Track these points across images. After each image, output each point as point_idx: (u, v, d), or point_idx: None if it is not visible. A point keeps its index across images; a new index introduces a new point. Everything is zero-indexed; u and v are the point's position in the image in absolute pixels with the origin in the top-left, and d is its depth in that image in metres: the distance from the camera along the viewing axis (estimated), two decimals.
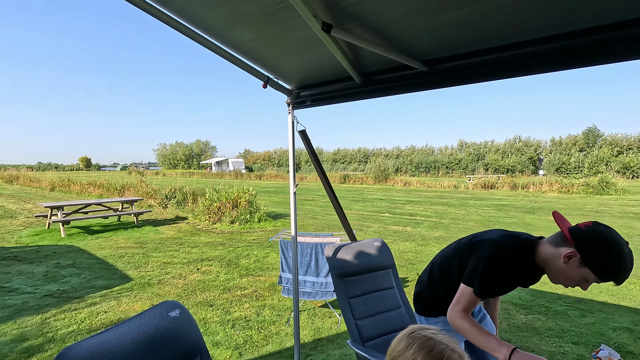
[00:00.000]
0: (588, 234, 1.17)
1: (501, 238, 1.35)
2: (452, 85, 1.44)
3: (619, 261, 1.12)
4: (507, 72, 1.29)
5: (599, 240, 1.15)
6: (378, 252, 2.37)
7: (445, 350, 0.82)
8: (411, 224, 9.24)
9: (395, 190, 20.99)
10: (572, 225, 1.25)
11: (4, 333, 3.26)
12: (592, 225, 1.19)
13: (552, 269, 1.26)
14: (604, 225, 1.19)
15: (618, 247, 1.12)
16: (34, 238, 7.39)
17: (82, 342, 1.05)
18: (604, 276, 1.15)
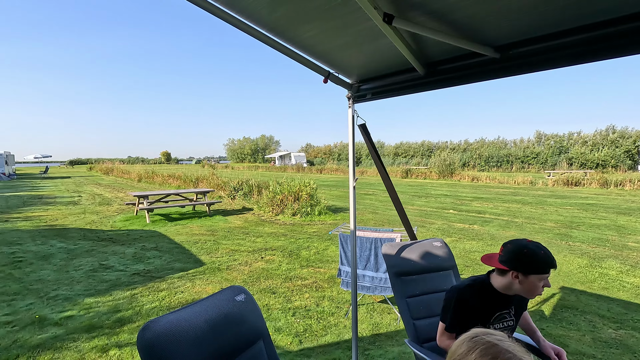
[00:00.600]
0: (508, 256, 1.49)
1: (460, 284, 1.67)
2: (527, 72, 1.30)
3: (534, 257, 1.42)
4: (591, 55, 1.13)
5: (513, 255, 1.47)
6: (438, 252, 2.27)
7: (512, 358, 0.76)
8: (479, 222, 8.66)
9: (461, 186, 19.82)
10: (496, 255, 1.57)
11: (103, 304, 3.80)
12: (504, 248, 1.53)
13: (518, 290, 1.51)
14: (508, 242, 1.53)
15: (527, 249, 1.44)
16: (125, 223, 8.42)
17: (163, 317, 1.18)
18: (538, 270, 1.42)
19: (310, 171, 37.18)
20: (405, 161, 44.73)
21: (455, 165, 26.84)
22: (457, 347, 0.83)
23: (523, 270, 1.43)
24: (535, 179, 21.27)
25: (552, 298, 4.02)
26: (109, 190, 16.72)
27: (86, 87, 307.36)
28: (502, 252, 1.54)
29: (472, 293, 1.59)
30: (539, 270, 1.41)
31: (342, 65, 1.82)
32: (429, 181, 24.20)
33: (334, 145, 58.39)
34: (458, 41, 1.31)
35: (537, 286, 1.44)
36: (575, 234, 7.35)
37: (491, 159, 38.20)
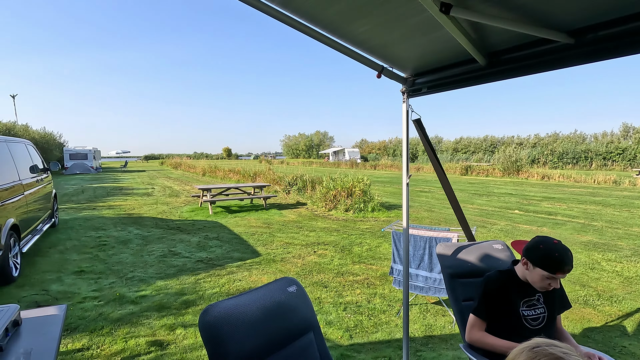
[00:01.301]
0: (528, 245, 1.62)
1: (489, 274, 1.76)
2: (609, 58, 1.15)
3: (547, 254, 1.51)
4: None
5: (532, 245, 1.59)
6: (499, 255, 2.13)
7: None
8: (549, 225, 7.91)
9: (529, 184, 18.24)
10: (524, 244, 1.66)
11: (171, 287, 4.17)
12: (533, 238, 1.63)
13: (527, 277, 1.62)
14: (541, 236, 1.61)
15: (544, 245, 1.54)
16: (191, 214, 9.12)
17: (221, 302, 1.27)
18: (545, 267, 1.51)
19: (364, 167, 36.86)
20: (465, 157, 42.30)
21: (522, 162, 24.73)
22: (515, 355, 0.76)
23: (531, 260, 1.56)
24: (621, 177, 18.83)
25: (636, 313, 3.56)
26: (177, 183, 18.20)
27: (160, 89, 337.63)
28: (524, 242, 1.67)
29: (499, 279, 1.70)
30: (544, 267, 1.50)
31: (396, 59, 1.78)
32: (491, 179, 22.66)
33: (389, 141, 57.18)
34: (524, 27, 1.20)
35: (543, 280, 1.53)
36: None
37: (566, 155, 34.57)
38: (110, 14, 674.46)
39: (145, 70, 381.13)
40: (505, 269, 1.74)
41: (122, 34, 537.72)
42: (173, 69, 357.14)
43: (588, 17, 1.15)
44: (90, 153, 27.89)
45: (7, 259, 4.09)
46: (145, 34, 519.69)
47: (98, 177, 23.43)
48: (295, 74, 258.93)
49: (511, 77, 1.45)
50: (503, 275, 1.70)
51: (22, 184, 5.17)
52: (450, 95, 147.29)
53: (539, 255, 1.53)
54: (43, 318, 1.98)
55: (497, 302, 1.64)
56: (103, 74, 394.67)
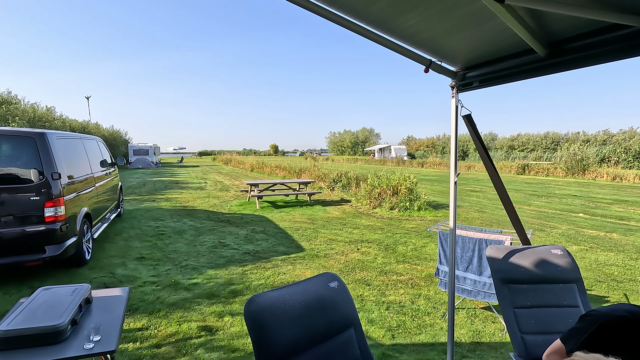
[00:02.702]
0: None
1: (614, 309, 1.28)
2: None
3: None
4: None
5: None
6: (557, 261, 1.97)
7: None
8: (620, 230, 7.14)
9: (597, 186, 16.56)
10: None
11: (220, 277, 4.39)
12: None
13: None
14: None
15: None
16: (239, 207, 9.52)
17: (266, 293, 1.32)
18: None
19: (411, 164, 35.88)
20: (522, 155, 39.42)
21: (589, 161, 22.53)
22: None
23: None
24: None
25: None
26: (228, 178, 19.08)
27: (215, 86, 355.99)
28: None
29: (622, 327, 1.22)
30: None
31: (445, 53, 1.71)
32: (552, 179, 20.91)
33: (437, 138, 55.02)
34: (591, 12, 1.09)
35: None
36: None
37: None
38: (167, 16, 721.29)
39: (199, 69, 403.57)
40: (636, 313, 1.24)
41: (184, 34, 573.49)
42: (228, 68, 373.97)
43: None
44: (151, 149, 30.18)
45: (81, 243, 4.58)
46: (203, 34, 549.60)
47: (157, 171, 25.30)
48: (342, 70, 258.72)
49: (576, 67, 1.32)
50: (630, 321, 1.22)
51: (94, 176, 5.75)
52: (506, 90, 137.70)
53: None
54: (110, 298, 2.20)
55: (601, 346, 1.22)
56: (164, 73, 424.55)
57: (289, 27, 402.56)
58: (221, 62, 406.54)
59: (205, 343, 2.89)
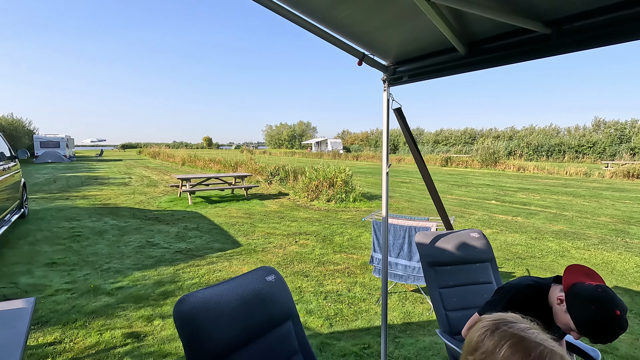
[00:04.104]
0: (580, 288, 1.25)
1: (521, 281, 1.50)
2: (583, 49, 1.17)
3: (592, 323, 1.18)
4: None
5: (586, 297, 1.21)
6: (475, 243, 2.18)
7: (544, 351, 0.66)
8: (523, 214, 8.20)
9: (506, 176, 18.80)
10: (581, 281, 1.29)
11: (149, 277, 4.08)
12: (592, 285, 1.25)
13: (554, 310, 1.35)
14: (605, 289, 1.22)
15: (598, 312, 1.17)
16: (170, 204, 8.92)
17: (198, 292, 1.24)
18: (580, 330, 1.22)
19: (347, 158, 37.00)
20: (445, 149, 43.08)
21: (499, 154, 25.44)
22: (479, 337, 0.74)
23: (572, 312, 1.24)
24: (591, 170, 19.66)
25: None
26: (156, 172, 17.74)
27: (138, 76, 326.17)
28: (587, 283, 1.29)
29: (529, 295, 1.44)
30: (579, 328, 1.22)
31: (377, 47, 1.76)
32: (470, 170, 23.20)
33: (371, 132, 57.48)
34: (504, 16, 1.20)
35: (567, 328, 1.29)
36: (634, 230, 6.74)
37: (541, 147, 35.76)
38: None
39: (121, 57, 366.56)
40: (541, 283, 1.47)
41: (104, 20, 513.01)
42: (153, 56, 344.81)
43: (565, 7, 1.16)
44: (62, 141, 26.74)
45: None
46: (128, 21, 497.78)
47: (72, 166, 22.55)
48: (277, 62, 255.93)
49: (490, 66, 1.46)
50: (537, 290, 1.45)
51: None
52: (432, 87, 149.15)
53: (583, 316, 1.21)
54: (10, 312, 1.89)
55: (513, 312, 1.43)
56: (78, 60, 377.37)
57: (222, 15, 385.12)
58: (147, 49, 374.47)
59: (132, 351, 2.66)
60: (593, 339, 1.21)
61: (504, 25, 1.32)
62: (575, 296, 1.25)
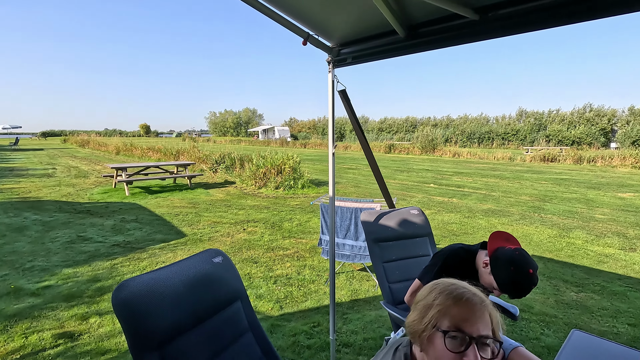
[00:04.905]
0: (501, 252, 1.42)
1: (453, 247, 1.67)
2: (506, 35, 1.29)
3: (510, 281, 1.36)
4: (574, 16, 1.13)
5: (505, 260, 1.38)
6: (415, 220, 2.33)
7: (466, 293, 0.83)
8: (458, 196, 8.90)
9: (443, 161, 20.17)
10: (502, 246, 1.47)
11: (82, 274, 3.76)
12: (510, 248, 1.42)
13: (480, 271, 1.52)
14: (521, 252, 1.40)
15: (516, 269, 1.35)
16: (103, 195, 8.23)
17: (138, 277, 1.17)
18: (501, 288, 1.41)
19: (295, 145, 36.90)
20: (389, 137, 44.88)
21: (437, 141, 27.15)
22: (421, 292, 0.90)
23: (494, 272, 1.41)
24: (514, 155, 21.83)
25: None
26: (86, 162, 16.18)
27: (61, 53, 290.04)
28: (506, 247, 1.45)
29: (460, 257, 1.60)
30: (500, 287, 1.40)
31: (322, 27, 1.76)
32: (411, 156, 24.49)
33: (318, 120, 57.81)
34: (440, 2, 1.28)
35: (491, 287, 1.45)
36: (548, 206, 7.67)
37: (473, 135, 38.80)
38: None
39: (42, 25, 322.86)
40: (470, 249, 1.63)
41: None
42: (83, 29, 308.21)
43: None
44: None
45: None
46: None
47: None
48: (221, 47, 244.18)
49: (427, 49, 1.55)
50: (466, 254, 1.61)
51: None
52: (381, 76, 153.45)
53: (502, 276, 1.38)
54: None
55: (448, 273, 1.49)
56: None
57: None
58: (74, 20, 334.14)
59: (65, 351, 2.46)
60: (512, 295, 1.39)
61: (439, 10, 1.40)
62: (497, 259, 1.41)
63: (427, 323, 0.81)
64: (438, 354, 0.79)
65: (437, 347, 0.79)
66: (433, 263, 1.65)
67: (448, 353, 0.77)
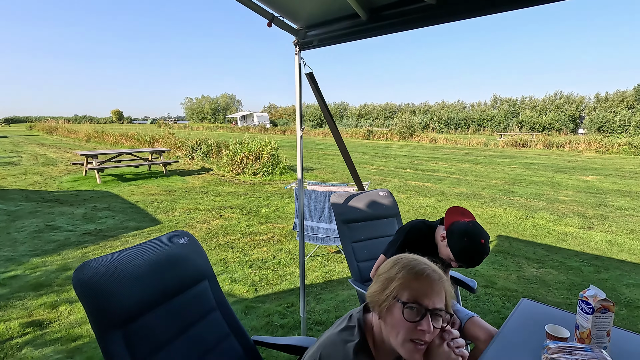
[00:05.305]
0: (456, 225, 1.52)
1: (414, 222, 1.75)
2: (461, 19, 1.34)
3: (464, 251, 1.47)
4: None
5: (460, 232, 1.49)
6: (383, 201, 2.41)
7: (427, 269, 0.90)
8: (433, 180, 9.14)
9: (420, 147, 20.53)
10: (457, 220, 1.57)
11: (51, 263, 3.67)
12: (465, 222, 1.53)
13: (438, 245, 1.62)
14: (474, 224, 1.51)
15: (469, 240, 1.46)
16: (73, 184, 7.95)
17: (100, 258, 1.18)
18: (457, 258, 1.51)
19: (274, 132, 36.54)
20: (368, 123, 45.10)
21: (415, 127, 27.53)
22: (383, 265, 0.96)
23: (450, 243, 1.51)
24: (488, 140, 22.48)
25: None
26: (54, 150, 15.49)
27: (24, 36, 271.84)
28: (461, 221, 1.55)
29: (422, 232, 1.69)
30: (455, 256, 1.50)
31: (287, 9, 1.76)
32: (389, 142, 24.78)
33: None
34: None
35: (448, 259, 1.56)
36: (517, 189, 8.00)
37: (450, 121, 39.58)
38: None
39: None
40: (430, 224, 1.73)
41: None
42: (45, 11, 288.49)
43: None
44: None
45: None
46: None
47: None
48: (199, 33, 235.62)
49: (388, 32, 1.58)
50: (427, 229, 1.69)
51: None
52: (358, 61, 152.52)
53: (457, 246, 1.49)
54: None
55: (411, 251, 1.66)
56: None
57: None
58: None
59: (33, 340, 2.43)
60: (466, 264, 1.50)
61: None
62: (453, 232, 1.52)
63: (388, 294, 0.88)
64: (395, 322, 0.86)
65: (395, 316, 0.87)
66: (396, 238, 1.73)
67: (405, 322, 0.85)
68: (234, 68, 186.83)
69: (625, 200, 6.88)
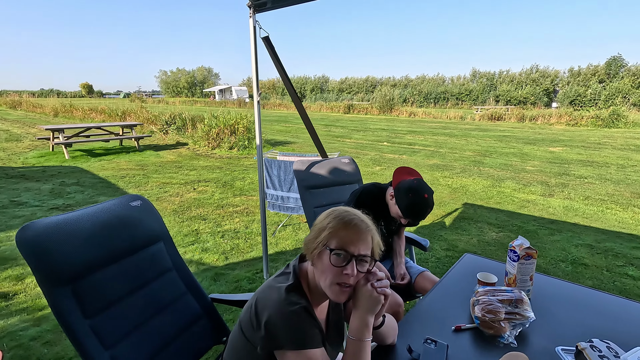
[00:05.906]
0: (402, 183, 1.62)
1: (366, 185, 1.84)
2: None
3: (409, 206, 1.57)
4: None
5: (405, 188, 1.59)
6: (346, 168, 2.46)
7: (355, 219, 0.95)
8: (408, 153, 9.30)
9: (399, 121, 20.65)
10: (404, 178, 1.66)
11: None
12: (410, 179, 1.63)
13: (388, 204, 1.71)
14: (419, 181, 1.61)
15: (413, 195, 1.56)
16: (40, 159, 7.65)
17: (46, 219, 1.19)
18: (404, 214, 1.60)
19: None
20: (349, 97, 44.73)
21: (395, 101, 27.54)
22: (319, 217, 1.02)
23: (397, 199, 1.61)
24: (465, 114, 22.80)
25: (455, 212, 4.65)
26: (18, 125, 14.71)
27: None
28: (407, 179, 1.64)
29: (373, 193, 1.77)
30: (402, 212, 1.60)
31: None
32: (369, 116, 24.77)
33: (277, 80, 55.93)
34: None
35: (397, 216, 1.65)
36: (487, 160, 8.27)
37: (430, 95, 39.73)
38: None
39: None
40: (381, 187, 1.80)
41: None
42: None
43: None
44: None
45: None
46: None
47: None
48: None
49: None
50: (378, 191, 1.77)
51: None
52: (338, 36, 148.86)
53: (404, 202, 1.58)
54: None
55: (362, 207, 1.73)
56: None
57: None
58: None
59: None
60: (413, 218, 1.61)
61: None
62: (399, 190, 1.61)
63: (319, 242, 0.94)
64: (324, 267, 0.93)
65: (324, 262, 0.93)
66: (349, 200, 1.81)
67: (332, 267, 0.91)
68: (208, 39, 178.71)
69: (586, 170, 7.25)
